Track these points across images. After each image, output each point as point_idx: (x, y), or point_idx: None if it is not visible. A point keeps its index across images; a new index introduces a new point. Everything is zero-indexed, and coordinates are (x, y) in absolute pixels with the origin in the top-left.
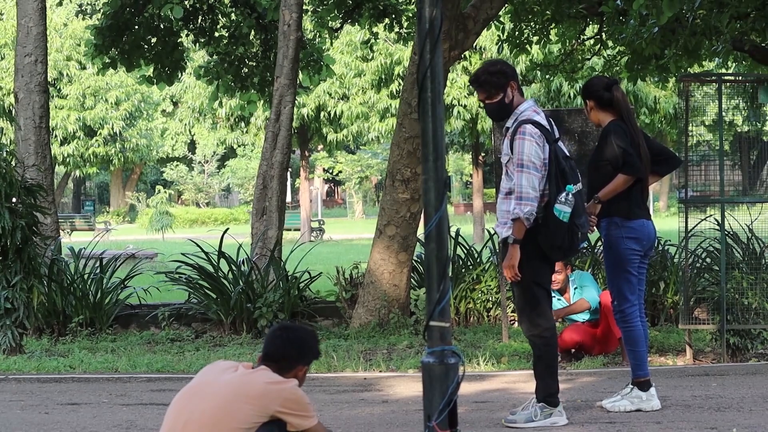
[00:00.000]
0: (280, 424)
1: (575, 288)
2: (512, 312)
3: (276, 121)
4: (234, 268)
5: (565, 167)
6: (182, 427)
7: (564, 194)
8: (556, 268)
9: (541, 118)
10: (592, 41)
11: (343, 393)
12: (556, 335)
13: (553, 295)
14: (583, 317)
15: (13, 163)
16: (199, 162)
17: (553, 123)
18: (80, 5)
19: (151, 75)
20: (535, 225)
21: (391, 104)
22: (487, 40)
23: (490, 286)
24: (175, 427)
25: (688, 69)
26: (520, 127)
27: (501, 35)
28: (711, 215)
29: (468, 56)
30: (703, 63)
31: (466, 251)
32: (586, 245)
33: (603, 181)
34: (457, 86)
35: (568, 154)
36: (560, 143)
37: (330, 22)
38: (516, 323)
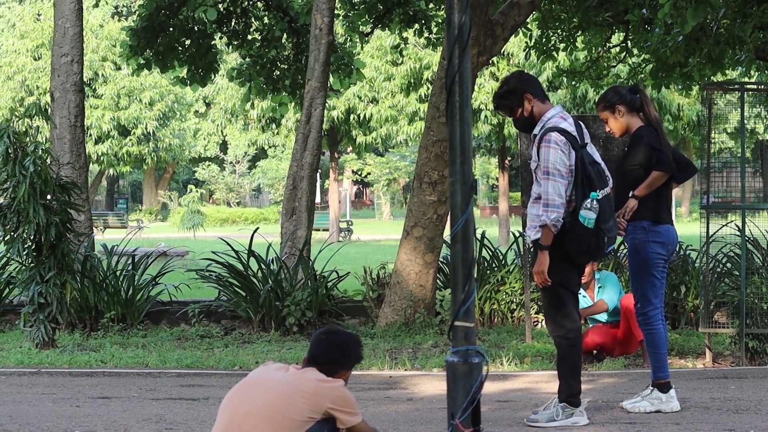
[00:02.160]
0: (331, 422)
1: (599, 287)
2: (536, 313)
3: (306, 123)
4: (263, 266)
5: (591, 173)
6: (242, 418)
7: (589, 201)
8: None
9: (568, 124)
10: (617, 49)
11: (369, 390)
12: (581, 337)
13: None
14: (604, 318)
15: (48, 160)
16: (231, 162)
17: (583, 127)
18: (116, 7)
19: (185, 76)
20: (562, 230)
21: (419, 108)
22: (515, 46)
23: (514, 287)
24: (235, 419)
25: (712, 77)
26: (546, 135)
27: (528, 42)
28: (732, 221)
29: (496, 62)
30: (726, 72)
31: (491, 253)
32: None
33: (633, 184)
34: (484, 91)
35: (597, 158)
36: (590, 147)
37: (361, 27)
38: (539, 324)
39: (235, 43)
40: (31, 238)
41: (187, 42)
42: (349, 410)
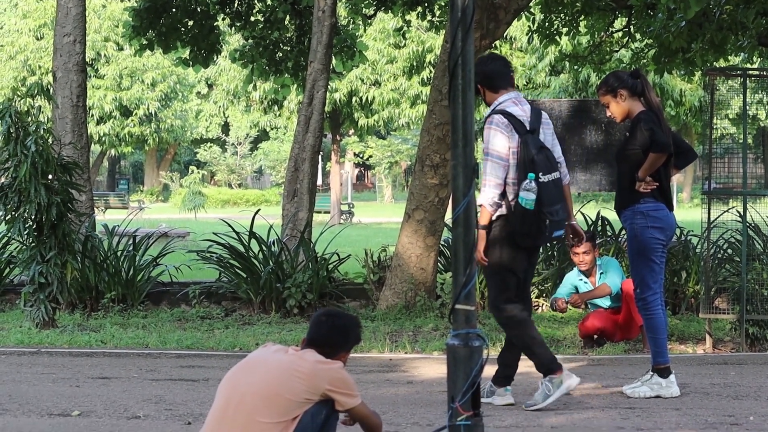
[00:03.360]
0: (329, 403)
1: (601, 273)
2: (536, 297)
3: (309, 105)
4: (264, 248)
5: (534, 156)
6: (240, 398)
7: (526, 182)
8: (583, 249)
9: (518, 110)
10: (620, 33)
11: (369, 373)
12: (526, 318)
13: (579, 277)
14: (605, 303)
15: (50, 140)
16: (233, 144)
17: (542, 115)
18: None
19: (187, 57)
20: (507, 212)
21: (421, 91)
22: (518, 30)
23: None
24: (232, 399)
25: (714, 63)
26: (489, 117)
27: (531, 26)
28: (733, 207)
29: (498, 46)
30: (729, 57)
31: None
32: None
33: (633, 167)
34: None
35: (549, 144)
36: (542, 134)
37: (364, 9)
38: (540, 309)
39: (238, 24)
40: (32, 217)
41: (190, 23)
42: (347, 392)
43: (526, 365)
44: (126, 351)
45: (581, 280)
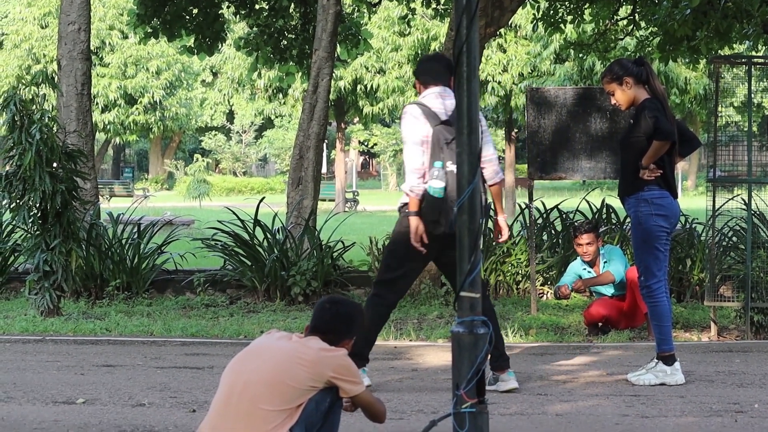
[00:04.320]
0: (333, 391)
1: (604, 262)
2: (541, 285)
3: (313, 93)
4: (269, 236)
5: (445, 146)
6: (243, 386)
7: (434, 169)
8: (587, 239)
9: (437, 102)
10: (625, 21)
11: (374, 361)
12: (385, 310)
13: (583, 267)
14: (609, 291)
15: (54, 128)
16: (237, 132)
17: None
18: None
19: (192, 45)
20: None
21: None
22: (522, 18)
23: (520, 259)
24: (236, 386)
25: (719, 51)
26: (404, 108)
27: (536, 13)
28: (738, 195)
29: (503, 33)
30: (734, 45)
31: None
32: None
33: (637, 155)
34: (491, 63)
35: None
36: (453, 127)
37: None
38: (545, 296)
39: (243, 12)
40: (37, 205)
41: (195, 11)
42: (351, 379)
43: (533, 352)
44: (131, 339)
45: (585, 269)
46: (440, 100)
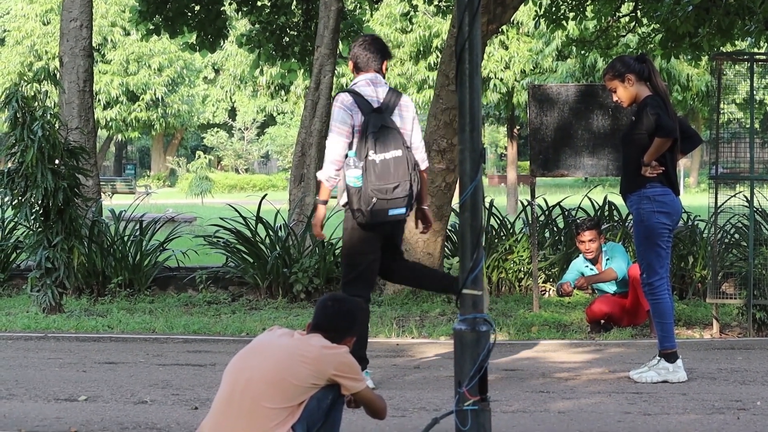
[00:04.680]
0: (335, 388)
1: (607, 259)
2: (543, 282)
3: (316, 90)
4: (271, 233)
5: (371, 135)
6: (245, 384)
7: (348, 159)
8: (589, 236)
9: (369, 90)
10: (627, 18)
11: (376, 358)
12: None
13: (585, 264)
14: (612, 289)
15: (56, 125)
16: (239, 129)
17: (401, 98)
18: None
19: (194, 42)
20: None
21: (428, 76)
22: (525, 14)
23: (522, 256)
24: (238, 384)
25: (721, 48)
26: (336, 95)
27: (538, 10)
28: (740, 192)
29: (505, 30)
30: (736, 42)
31: (499, 222)
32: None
33: (639, 151)
34: (494, 59)
35: (393, 125)
36: (396, 117)
37: None
38: (547, 294)
39: (245, 9)
40: (39, 202)
41: (197, 8)
42: (353, 376)
43: (535, 350)
44: (133, 336)
45: (587, 266)
46: (372, 87)
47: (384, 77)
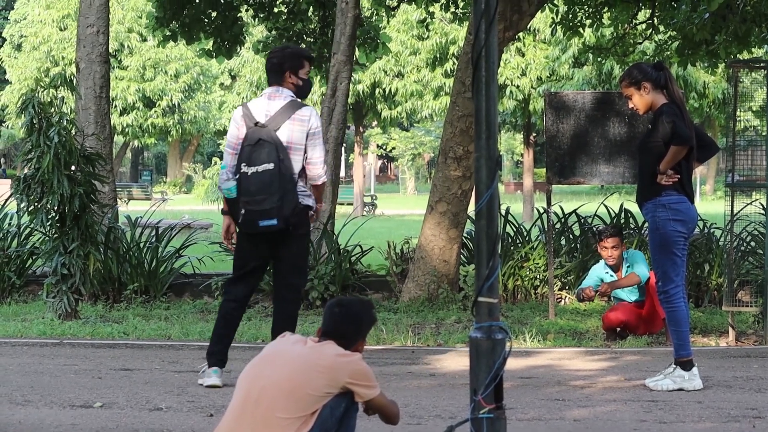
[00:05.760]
0: (349, 396)
1: (627, 266)
2: (559, 290)
3: (332, 97)
4: None
5: (244, 148)
6: (259, 392)
7: (221, 172)
8: (612, 243)
9: (262, 103)
10: (643, 25)
11: (392, 365)
12: (231, 305)
13: (606, 270)
14: (632, 297)
15: (73, 131)
16: None
17: (295, 113)
18: None
19: (211, 48)
20: None
21: (445, 83)
22: (541, 22)
23: (538, 264)
24: (252, 392)
25: (738, 55)
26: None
27: (555, 17)
28: (756, 200)
29: (522, 37)
30: (753, 49)
31: (515, 229)
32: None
33: (655, 160)
34: (510, 66)
35: (270, 138)
36: (284, 131)
37: (387, 1)
38: (563, 301)
39: (261, 15)
40: (55, 208)
41: (213, 14)
42: (367, 383)
43: (550, 358)
44: (148, 342)
45: (607, 273)
46: (266, 101)
47: (295, 86)
